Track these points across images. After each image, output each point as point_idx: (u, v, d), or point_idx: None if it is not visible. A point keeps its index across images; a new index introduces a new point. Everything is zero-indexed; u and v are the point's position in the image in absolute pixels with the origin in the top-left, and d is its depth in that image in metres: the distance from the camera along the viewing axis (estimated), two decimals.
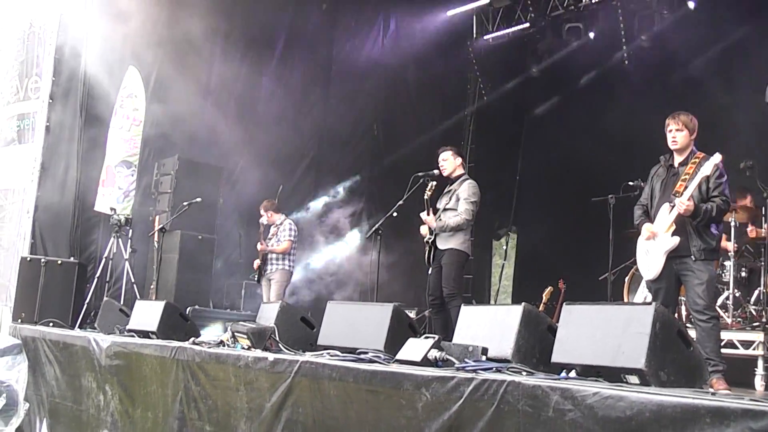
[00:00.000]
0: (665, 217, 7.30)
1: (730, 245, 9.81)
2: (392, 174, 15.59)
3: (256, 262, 12.57)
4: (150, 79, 14.02)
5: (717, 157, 7.07)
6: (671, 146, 7.48)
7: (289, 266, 12.54)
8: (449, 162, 9.62)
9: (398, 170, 14.76)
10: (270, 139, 15.38)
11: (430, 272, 9.61)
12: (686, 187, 7.16)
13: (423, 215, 9.37)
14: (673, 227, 7.20)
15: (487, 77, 17.85)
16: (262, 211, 12.76)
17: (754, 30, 12.60)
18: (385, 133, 17.36)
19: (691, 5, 13.69)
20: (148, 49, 13.87)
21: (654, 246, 7.37)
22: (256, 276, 12.53)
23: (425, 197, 9.31)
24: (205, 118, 14.57)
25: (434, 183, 9.35)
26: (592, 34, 15.43)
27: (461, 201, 9.32)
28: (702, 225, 7.11)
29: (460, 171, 9.70)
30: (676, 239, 7.16)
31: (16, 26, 14.20)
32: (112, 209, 12.81)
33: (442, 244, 9.35)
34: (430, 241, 9.46)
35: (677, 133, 7.41)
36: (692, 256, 7.09)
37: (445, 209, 9.39)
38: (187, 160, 13.72)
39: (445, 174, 9.63)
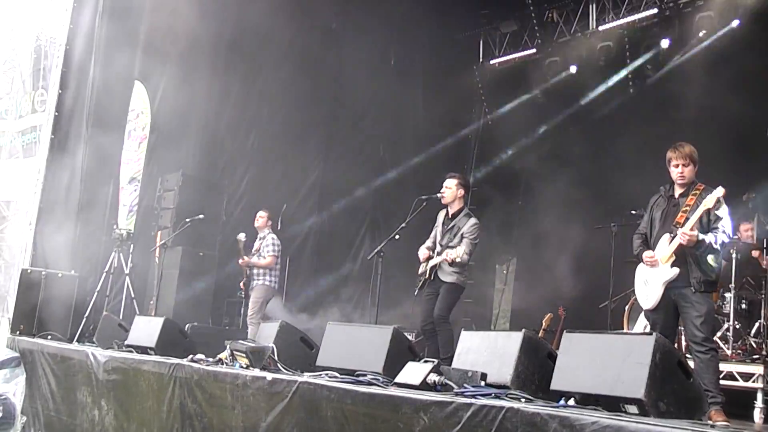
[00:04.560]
0: (665, 247, 7.27)
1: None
2: (397, 195, 15.61)
3: (243, 282, 12.47)
4: (156, 94, 14.06)
5: (720, 191, 7.02)
6: (678, 181, 7.38)
7: (270, 281, 12.35)
8: (450, 191, 9.61)
9: (403, 191, 14.79)
10: (275, 157, 15.41)
11: (417, 294, 9.67)
12: (687, 219, 7.14)
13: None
14: (673, 258, 7.17)
15: (492, 101, 17.87)
16: (262, 214, 12.66)
17: (758, 63, 12.61)
18: (391, 154, 17.38)
19: (701, 34, 13.68)
20: (155, 64, 13.91)
21: (653, 276, 7.34)
22: (243, 293, 12.43)
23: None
24: (210, 134, 14.59)
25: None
26: (598, 61, 15.41)
27: (465, 240, 9.32)
28: (702, 257, 7.08)
29: (460, 204, 9.70)
30: (676, 270, 7.13)
31: (23, 39, 14.23)
32: (115, 224, 12.80)
33: (444, 277, 9.39)
34: (428, 270, 9.49)
35: (684, 168, 7.30)
36: (692, 288, 7.05)
37: (449, 246, 9.38)
38: (191, 176, 13.71)
39: (444, 201, 9.63)
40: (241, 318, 13.01)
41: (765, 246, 9.96)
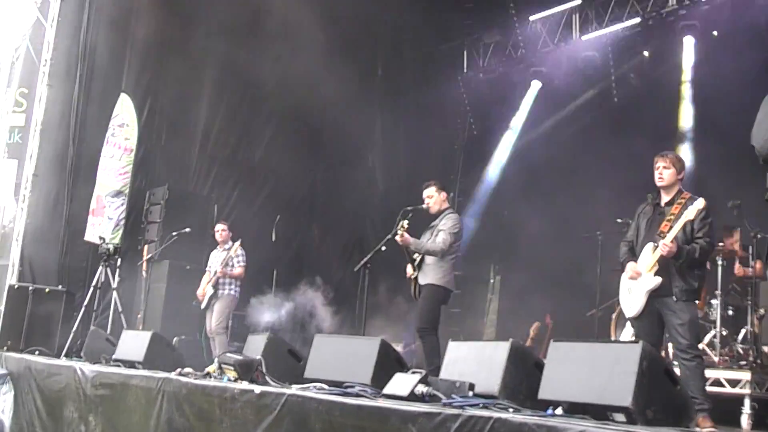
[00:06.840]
0: (648, 256, 7.29)
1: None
2: (385, 206, 15.61)
3: (201, 292, 12.21)
4: (144, 107, 14.06)
5: (701, 203, 7.06)
6: (658, 183, 7.48)
7: (236, 291, 12.18)
8: (434, 198, 9.52)
9: (391, 202, 14.80)
10: (266, 170, 15.43)
11: (415, 299, 9.67)
12: (671, 228, 7.15)
13: (397, 238, 9.21)
14: (656, 267, 7.18)
15: (477, 112, 17.94)
16: (223, 227, 12.44)
17: (741, 71, 12.64)
18: (380, 165, 17.41)
19: (689, 42, 13.72)
20: (143, 76, 13.93)
21: (636, 285, 7.35)
22: (204, 303, 12.19)
23: (397, 235, 9.20)
24: (199, 148, 14.60)
25: (406, 222, 9.19)
26: (582, 70, 15.45)
27: (440, 232, 9.26)
28: (685, 266, 7.10)
29: (444, 206, 9.61)
30: (659, 279, 7.14)
31: (10, 45, 14.20)
32: (101, 238, 12.77)
33: (422, 279, 9.29)
34: (413, 276, 9.44)
35: (664, 171, 7.40)
36: (674, 297, 7.07)
37: None
38: (178, 189, 13.70)
39: (432, 212, 9.57)
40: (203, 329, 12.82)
41: (751, 252, 9.98)
